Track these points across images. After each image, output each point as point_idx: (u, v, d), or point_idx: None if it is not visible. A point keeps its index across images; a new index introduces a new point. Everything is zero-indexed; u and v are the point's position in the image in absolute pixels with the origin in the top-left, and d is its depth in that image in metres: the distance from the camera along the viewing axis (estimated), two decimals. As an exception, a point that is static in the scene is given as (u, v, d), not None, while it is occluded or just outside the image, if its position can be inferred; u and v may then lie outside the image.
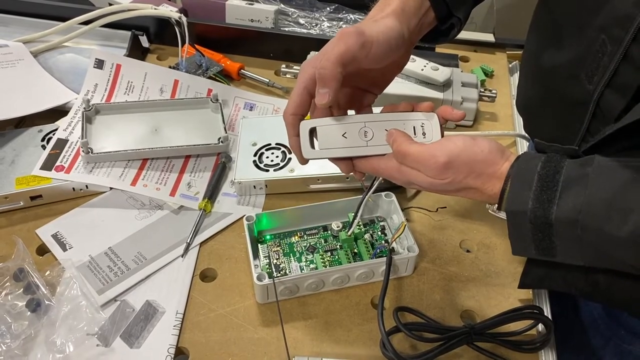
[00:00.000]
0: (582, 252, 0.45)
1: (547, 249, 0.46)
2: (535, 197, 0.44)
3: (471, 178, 0.47)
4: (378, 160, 0.50)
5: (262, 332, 0.57)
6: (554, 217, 0.44)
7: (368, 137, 0.49)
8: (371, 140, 0.49)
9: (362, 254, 0.62)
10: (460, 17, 0.55)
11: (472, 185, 0.47)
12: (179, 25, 0.84)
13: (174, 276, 0.61)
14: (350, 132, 0.49)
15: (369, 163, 0.50)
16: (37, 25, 0.90)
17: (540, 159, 0.46)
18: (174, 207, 0.68)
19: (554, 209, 0.44)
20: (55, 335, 0.54)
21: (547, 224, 0.44)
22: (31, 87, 0.80)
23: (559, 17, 0.55)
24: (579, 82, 0.51)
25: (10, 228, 0.66)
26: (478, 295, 0.60)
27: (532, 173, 0.45)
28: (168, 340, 0.55)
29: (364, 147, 0.49)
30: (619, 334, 0.61)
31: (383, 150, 0.49)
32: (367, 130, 0.49)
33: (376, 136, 0.49)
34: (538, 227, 0.45)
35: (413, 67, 0.78)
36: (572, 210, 0.43)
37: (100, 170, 0.70)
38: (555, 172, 0.45)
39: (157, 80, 0.81)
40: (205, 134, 0.74)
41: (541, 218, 0.44)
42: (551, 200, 0.44)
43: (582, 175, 0.44)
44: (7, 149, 0.72)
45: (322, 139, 0.49)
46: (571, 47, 0.53)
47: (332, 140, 0.49)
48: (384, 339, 0.52)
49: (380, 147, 0.49)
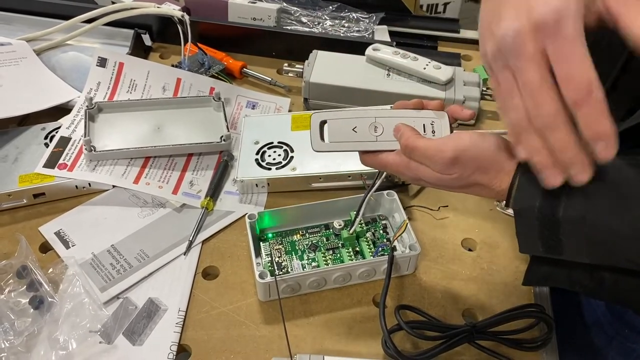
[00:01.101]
0: (589, 250, 0.45)
1: (554, 247, 0.46)
2: (543, 195, 0.44)
3: (478, 174, 0.47)
4: (387, 155, 0.50)
5: (264, 329, 0.57)
6: (562, 214, 0.44)
7: (378, 132, 0.49)
8: (381, 135, 0.49)
9: (364, 252, 0.62)
10: None
11: (480, 181, 0.47)
12: (182, 24, 0.84)
13: (177, 274, 0.62)
14: (361, 126, 0.49)
15: (377, 158, 0.50)
16: (40, 24, 0.90)
17: None
18: (177, 205, 0.68)
19: (562, 207, 0.44)
20: (58, 332, 0.55)
21: (554, 222, 0.44)
22: (34, 85, 0.80)
23: None
24: None
25: (14, 226, 0.66)
26: (480, 293, 0.60)
27: None
28: (170, 337, 0.56)
29: (373, 142, 0.49)
30: (622, 332, 0.61)
31: (392, 146, 0.49)
32: (377, 125, 0.49)
33: (386, 132, 0.49)
34: (545, 225, 0.45)
35: (415, 65, 0.78)
36: (579, 208, 0.43)
37: (103, 168, 0.70)
38: None
39: (159, 79, 0.81)
40: (207, 133, 0.75)
41: (549, 216, 0.44)
42: (559, 198, 0.44)
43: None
44: (10, 147, 0.72)
45: (332, 133, 0.49)
46: None
47: (342, 134, 0.49)
48: (386, 336, 0.52)
49: (389, 143, 0.49)
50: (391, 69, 0.80)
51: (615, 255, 0.45)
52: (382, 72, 0.80)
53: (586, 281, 0.52)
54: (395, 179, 0.70)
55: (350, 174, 0.69)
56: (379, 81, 0.78)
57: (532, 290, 0.61)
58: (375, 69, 0.80)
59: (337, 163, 0.69)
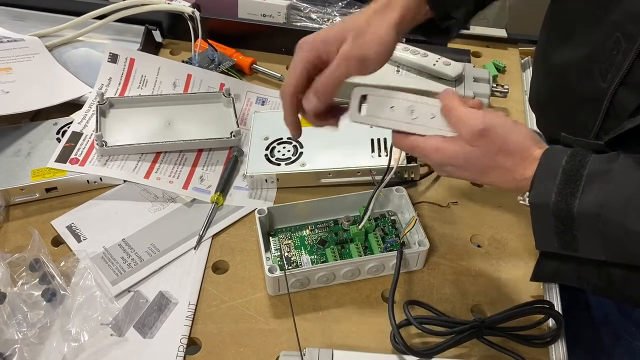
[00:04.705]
0: (605, 247, 0.45)
1: (569, 243, 0.46)
2: (559, 190, 0.44)
3: (503, 155, 0.47)
4: (417, 138, 0.50)
5: (274, 323, 0.57)
6: (577, 209, 0.44)
7: (414, 116, 0.50)
8: (416, 119, 0.50)
9: (373, 247, 0.63)
10: (460, 18, 0.56)
11: (504, 164, 0.47)
12: (192, 20, 0.84)
13: (187, 268, 0.62)
14: (398, 107, 0.51)
15: (408, 140, 0.51)
16: (52, 20, 0.91)
17: (566, 153, 0.46)
18: (187, 200, 0.69)
19: (577, 202, 0.44)
20: (70, 324, 0.55)
21: (569, 217, 0.44)
22: (46, 81, 0.81)
23: (571, 13, 0.55)
24: (592, 79, 0.51)
25: (26, 219, 0.67)
26: (488, 289, 0.61)
27: (557, 166, 0.45)
28: (180, 330, 0.56)
29: (407, 124, 0.50)
30: (629, 330, 0.61)
31: (425, 131, 0.50)
32: (414, 109, 0.50)
33: (421, 117, 0.50)
34: (561, 220, 0.45)
35: (425, 62, 0.78)
36: (594, 204, 0.43)
37: (114, 163, 0.71)
38: (579, 167, 0.45)
39: (170, 75, 0.81)
40: (217, 128, 0.75)
41: (564, 211, 0.44)
42: (574, 194, 0.44)
43: (606, 171, 0.44)
44: (23, 142, 0.73)
45: (370, 107, 0.51)
46: (584, 44, 0.53)
47: (380, 110, 0.51)
48: (395, 331, 0.52)
49: (422, 128, 0.50)
50: (401, 65, 0.80)
51: (631, 253, 0.45)
52: (392, 68, 0.80)
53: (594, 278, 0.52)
54: (404, 175, 0.70)
55: (359, 169, 0.69)
56: (389, 77, 0.78)
57: (541, 286, 0.61)
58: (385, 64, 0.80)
59: (346, 159, 0.69)
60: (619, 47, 0.48)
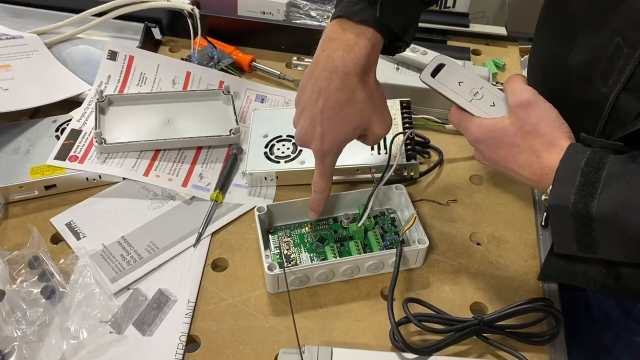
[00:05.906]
0: (623, 248, 0.45)
1: (588, 245, 0.46)
2: (577, 191, 0.44)
3: (534, 135, 0.48)
4: (471, 118, 0.53)
5: (273, 321, 0.57)
6: (595, 210, 0.44)
7: (476, 97, 0.54)
8: (477, 100, 0.54)
9: (372, 245, 0.63)
10: (408, 41, 0.59)
11: (534, 145, 0.48)
12: (192, 18, 0.84)
13: (186, 265, 0.62)
14: (466, 84, 0.54)
15: (463, 117, 0.54)
16: (51, 17, 0.91)
17: (585, 154, 0.46)
18: (186, 197, 0.69)
19: (595, 203, 0.44)
20: (69, 321, 0.55)
21: (588, 218, 0.44)
22: (45, 78, 0.81)
23: (572, 16, 0.55)
24: (593, 84, 0.51)
25: (25, 217, 0.67)
26: (488, 287, 0.61)
27: (576, 167, 0.45)
28: (180, 328, 0.56)
29: (467, 101, 0.54)
30: (630, 326, 0.61)
31: (479, 113, 0.53)
32: (479, 92, 0.54)
33: (482, 100, 0.54)
34: (579, 222, 0.45)
35: (424, 60, 0.78)
36: (613, 205, 0.43)
37: (114, 160, 0.71)
38: (598, 168, 0.45)
39: (169, 72, 0.81)
40: (217, 126, 0.75)
41: (582, 212, 0.44)
42: (592, 195, 0.44)
43: (625, 172, 0.44)
44: (22, 139, 0.73)
45: (442, 75, 0.55)
46: (585, 48, 0.52)
47: (448, 81, 0.55)
48: (394, 329, 0.52)
49: (478, 110, 0.53)
50: (400, 63, 0.80)
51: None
52: (391, 65, 0.80)
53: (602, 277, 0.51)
54: (404, 173, 0.70)
55: (358, 167, 0.69)
56: (389, 75, 0.78)
57: (540, 284, 0.61)
58: (384, 62, 0.80)
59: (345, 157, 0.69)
60: (620, 53, 0.48)
